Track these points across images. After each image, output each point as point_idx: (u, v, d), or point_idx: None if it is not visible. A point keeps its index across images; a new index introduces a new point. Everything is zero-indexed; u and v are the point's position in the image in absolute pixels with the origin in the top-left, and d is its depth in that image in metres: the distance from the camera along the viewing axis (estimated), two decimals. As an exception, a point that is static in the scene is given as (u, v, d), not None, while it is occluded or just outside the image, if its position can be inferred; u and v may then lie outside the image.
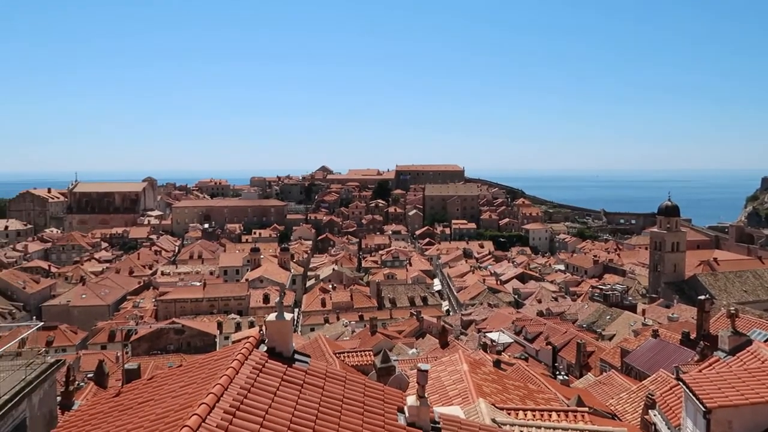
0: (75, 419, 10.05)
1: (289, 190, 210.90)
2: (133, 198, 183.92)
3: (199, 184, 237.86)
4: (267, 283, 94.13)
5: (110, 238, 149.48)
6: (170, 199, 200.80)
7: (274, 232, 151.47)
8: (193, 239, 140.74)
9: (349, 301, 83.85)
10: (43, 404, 14.00)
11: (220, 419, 7.58)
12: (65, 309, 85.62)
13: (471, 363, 20.77)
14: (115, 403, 10.01)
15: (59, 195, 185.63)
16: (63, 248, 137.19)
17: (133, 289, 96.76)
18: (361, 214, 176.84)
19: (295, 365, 10.06)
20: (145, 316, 79.94)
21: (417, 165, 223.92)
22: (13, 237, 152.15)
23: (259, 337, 10.64)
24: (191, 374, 9.98)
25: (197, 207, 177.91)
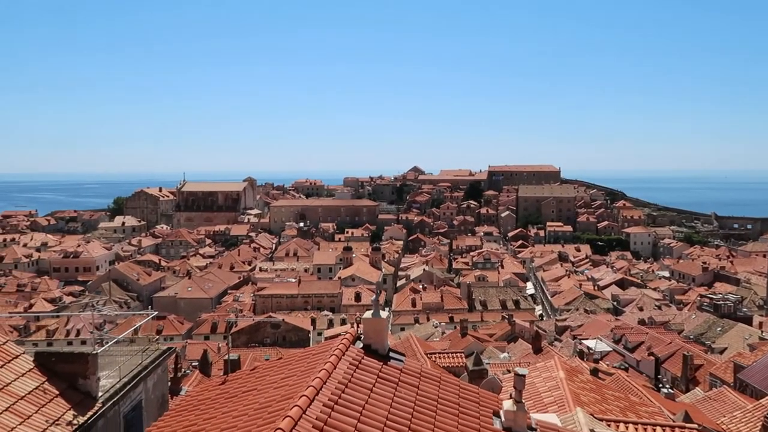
0: (185, 404, 10.70)
1: (381, 191, 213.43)
2: (234, 197, 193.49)
3: (296, 184, 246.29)
4: (359, 282, 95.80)
5: (213, 235, 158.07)
6: (268, 199, 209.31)
7: (366, 232, 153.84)
8: (289, 237, 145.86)
9: (439, 302, 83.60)
10: (157, 388, 15.04)
11: (319, 412, 7.80)
12: (173, 300, 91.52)
13: (567, 370, 20.04)
14: (222, 391, 10.55)
15: (169, 194, 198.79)
16: (172, 244, 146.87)
17: (234, 283, 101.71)
18: (452, 214, 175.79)
19: (391, 363, 10.16)
20: (244, 310, 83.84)
21: (510, 165, 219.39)
22: (129, 232, 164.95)
23: (355, 334, 10.84)
24: (291, 367, 10.34)
25: (293, 206, 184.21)
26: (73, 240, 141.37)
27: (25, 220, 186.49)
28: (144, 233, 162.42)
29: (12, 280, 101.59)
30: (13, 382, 11.63)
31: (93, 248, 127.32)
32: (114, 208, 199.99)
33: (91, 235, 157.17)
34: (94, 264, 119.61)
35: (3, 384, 11.41)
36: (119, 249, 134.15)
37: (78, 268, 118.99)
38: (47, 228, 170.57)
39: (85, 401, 12.17)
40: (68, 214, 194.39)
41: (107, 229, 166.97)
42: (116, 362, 14.35)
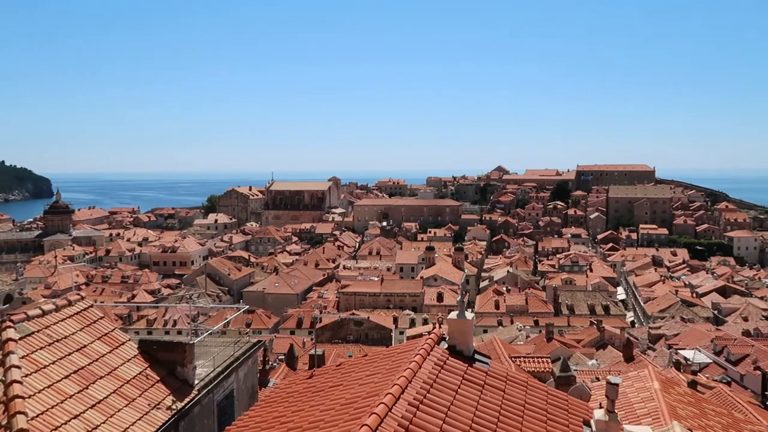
0: (274, 395, 11.08)
1: (464, 190, 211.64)
2: (320, 196, 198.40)
3: (379, 183, 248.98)
4: (441, 282, 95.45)
5: (300, 232, 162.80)
6: (352, 198, 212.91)
7: (449, 232, 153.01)
8: (372, 236, 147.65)
9: (523, 305, 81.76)
10: (247, 378, 15.67)
11: (405, 411, 7.82)
12: (261, 295, 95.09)
13: (662, 381, 18.98)
14: (309, 385, 10.83)
15: (258, 193, 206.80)
16: (260, 240, 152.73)
17: (318, 280, 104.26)
18: (538, 215, 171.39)
19: (476, 365, 10.03)
20: (328, 307, 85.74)
21: (600, 165, 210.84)
22: (221, 229, 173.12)
23: (439, 334, 10.79)
24: (376, 364, 10.44)
25: (377, 205, 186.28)
26: (170, 236, 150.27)
27: (129, 217, 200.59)
28: (235, 230, 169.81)
29: (117, 272, 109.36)
30: (120, 366, 12.50)
31: (188, 244, 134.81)
32: (207, 206, 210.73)
33: (186, 231, 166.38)
34: (189, 259, 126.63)
35: (111, 368, 12.28)
36: (212, 245, 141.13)
37: (175, 262, 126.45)
38: (148, 224, 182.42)
39: (183, 388, 12.88)
40: (167, 212, 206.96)
41: (201, 225, 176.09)
42: (210, 352, 15.08)
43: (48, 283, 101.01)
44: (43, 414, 10.16)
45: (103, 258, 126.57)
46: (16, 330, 11.58)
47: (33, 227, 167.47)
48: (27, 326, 11.90)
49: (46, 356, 11.50)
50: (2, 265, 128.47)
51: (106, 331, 13.33)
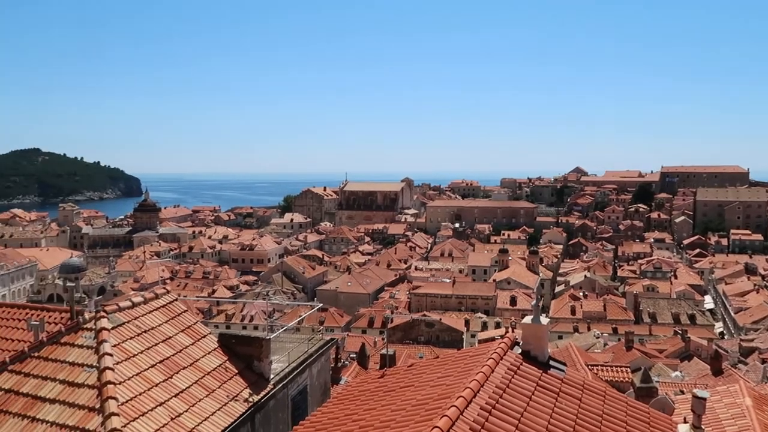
0: (347, 393, 11.24)
1: (540, 192, 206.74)
2: (392, 197, 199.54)
3: (452, 184, 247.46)
4: (514, 285, 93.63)
5: (372, 233, 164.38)
6: (425, 199, 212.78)
7: (523, 234, 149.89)
8: (445, 237, 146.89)
9: (601, 311, 78.79)
10: (320, 375, 15.99)
11: (477, 415, 7.73)
12: (334, 294, 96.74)
13: (755, 398, 17.74)
14: (380, 384, 10.92)
15: (332, 193, 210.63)
16: (334, 240, 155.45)
17: (390, 280, 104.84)
18: (618, 219, 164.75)
19: (551, 372, 9.77)
20: (399, 307, 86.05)
21: (687, 166, 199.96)
22: (296, 228, 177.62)
23: (513, 339, 10.60)
24: (448, 367, 10.38)
25: (449, 207, 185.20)
26: (248, 234, 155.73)
27: (210, 215, 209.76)
28: (309, 230, 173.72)
29: (199, 268, 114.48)
30: (201, 358, 13.07)
31: (265, 242, 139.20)
32: (284, 206, 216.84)
33: (264, 230, 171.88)
34: (266, 257, 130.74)
35: (193, 359, 12.87)
36: (288, 243, 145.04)
37: (252, 259, 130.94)
38: (228, 222, 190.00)
39: (259, 382, 13.31)
40: (245, 211, 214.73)
41: (278, 225, 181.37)
42: (285, 348, 15.50)
43: (137, 276, 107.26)
44: (131, 400, 10.79)
45: (187, 254, 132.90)
46: (109, 320, 12.37)
47: (124, 224, 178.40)
48: (118, 317, 12.69)
49: (135, 346, 12.20)
50: (96, 259, 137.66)
51: (188, 323, 13.98)
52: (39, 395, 11.00)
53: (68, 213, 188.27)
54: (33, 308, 17.36)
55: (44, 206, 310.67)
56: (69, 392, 10.88)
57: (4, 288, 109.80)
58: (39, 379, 11.34)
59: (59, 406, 10.70)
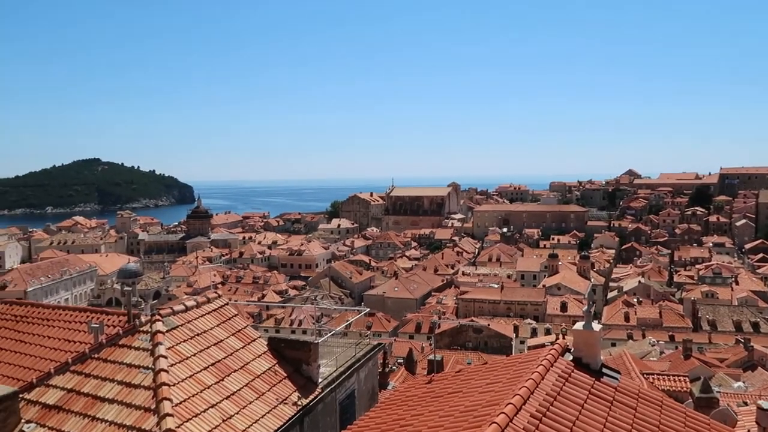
0: (394, 398, 11.21)
1: (591, 196, 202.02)
2: (439, 202, 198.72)
3: (499, 188, 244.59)
4: (565, 291, 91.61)
5: (419, 237, 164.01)
6: (472, 204, 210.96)
7: (574, 239, 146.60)
8: (492, 242, 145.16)
9: (657, 318, 76.19)
10: (368, 380, 16.03)
11: (526, 422, 7.58)
12: (381, 299, 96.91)
13: (826, 410, 16.78)
14: (428, 390, 10.85)
15: (379, 198, 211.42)
16: (381, 245, 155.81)
17: (437, 286, 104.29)
18: (673, 222, 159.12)
19: (604, 380, 9.50)
20: (446, 313, 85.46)
21: (749, 167, 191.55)
22: (343, 234, 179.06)
23: (563, 345, 10.36)
24: (496, 373, 10.23)
25: (497, 211, 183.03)
26: (297, 240, 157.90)
27: (260, 221, 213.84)
28: (356, 235, 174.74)
29: (249, 273, 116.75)
30: (251, 361, 13.31)
31: (313, 247, 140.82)
32: (331, 211, 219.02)
33: (312, 235, 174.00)
34: (314, 262, 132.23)
35: (244, 362, 13.12)
36: (335, 249, 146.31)
37: (301, 264, 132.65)
38: (277, 228, 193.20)
39: (308, 385, 13.44)
40: (293, 217, 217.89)
41: (325, 230, 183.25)
42: (333, 352, 15.62)
43: (190, 281, 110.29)
44: (185, 401, 11.08)
45: (237, 259, 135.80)
46: (164, 323, 12.75)
47: (178, 230, 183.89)
48: (172, 320, 13.06)
49: (188, 348, 12.53)
50: (152, 264, 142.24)
51: (239, 327, 14.27)
52: (99, 395, 11.43)
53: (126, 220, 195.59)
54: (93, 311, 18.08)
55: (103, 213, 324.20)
56: (126, 393, 11.27)
57: (67, 292, 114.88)
58: (99, 380, 11.79)
59: (117, 406, 11.09)
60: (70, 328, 16.97)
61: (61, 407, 11.46)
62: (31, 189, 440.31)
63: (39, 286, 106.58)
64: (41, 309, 18.56)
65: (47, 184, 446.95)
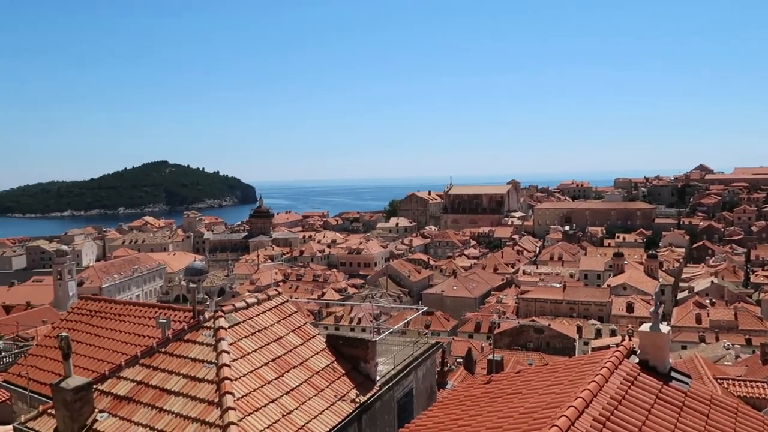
0: (452, 398, 11.10)
1: (659, 192, 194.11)
2: (498, 200, 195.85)
3: (561, 186, 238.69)
4: (631, 291, 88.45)
5: (478, 236, 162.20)
6: (532, 201, 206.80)
7: (640, 237, 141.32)
8: (554, 241, 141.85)
9: (732, 321, 72.35)
10: (426, 379, 15.95)
11: (589, 426, 7.33)
12: (439, 298, 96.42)
13: None
14: (486, 390, 10.68)
15: (437, 197, 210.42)
16: (439, 244, 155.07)
17: (497, 285, 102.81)
18: (749, 219, 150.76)
19: (673, 384, 9.07)
20: (506, 312, 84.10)
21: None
22: (401, 232, 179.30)
23: (629, 347, 9.97)
24: (558, 375, 9.95)
25: (558, 209, 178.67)
26: (355, 238, 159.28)
27: (319, 220, 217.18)
28: (414, 233, 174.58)
29: (309, 271, 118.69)
30: (310, 358, 13.49)
31: (372, 246, 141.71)
32: (389, 210, 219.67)
33: (370, 234, 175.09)
34: (372, 260, 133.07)
35: (303, 359, 13.31)
36: (393, 247, 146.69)
37: (360, 263, 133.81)
38: (336, 227, 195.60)
39: (366, 383, 13.49)
40: (352, 216, 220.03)
41: (383, 229, 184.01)
42: (391, 351, 15.62)
43: (252, 279, 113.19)
44: (246, 396, 11.35)
45: (298, 258, 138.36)
46: (226, 320, 13.11)
47: (241, 229, 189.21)
48: (234, 317, 13.40)
49: (249, 344, 12.83)
50: (217, 262, 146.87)
51: (298, 324, 14.48)
52: (165, 388, 11.87)
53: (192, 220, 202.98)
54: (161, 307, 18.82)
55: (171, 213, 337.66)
56: (191, 386, 11.64)
57: (138, 289, 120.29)
58: (165, 373, 12.24)
59: (183, 398, 11.48)
60: (140, 323, 17.72)
61: (131, 398, 11.97)
62: (104, 191, 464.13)
63: (113, 282, 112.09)
64: (113, 305, 19.48)
65: (119, 186, 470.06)
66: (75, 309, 20.50)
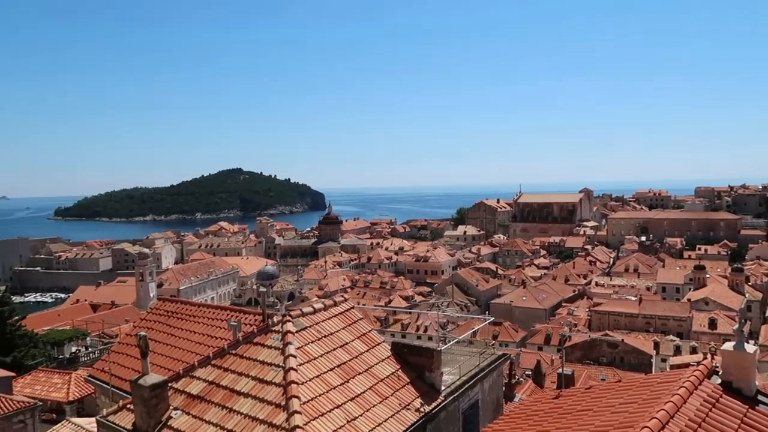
0: (519, 411, 10.83)
1: (744, 202, 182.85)
2: (570, 209, 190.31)
3: (637, 194, 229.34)
4: (713, 306, 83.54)
5: (548, 246, 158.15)
6: (606, 210, 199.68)
7: (724, 249, 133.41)
8: (629, 252, 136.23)
9: (828, 341, 67.05)
10: (492, 391, 15.64)
11: (665, 449, 6.96)
12: (508, 308, 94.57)
13: None
14: (555, 405, 10.35)
15: (506, 205, 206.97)
16: (507, 253, 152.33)
17: (568, 296, 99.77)
18: None
19: (760, 408, 8.47)
20: (578, 325, 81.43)
21: None
22: (469, 240, 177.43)
23: (710, 366, 9.40)
24: (631, 393, 9.51)
25: (634, 219, 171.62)
26: (423, 246, 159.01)
27: (386, 228, 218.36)
28: (483, 242, 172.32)
29: (376, 277, 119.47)
30: (375, 365, 13.52)
31: (439, 254, 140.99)
32: (457, 218, 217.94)
33: (437, 242, 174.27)
34: (440, 268, 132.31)
35: (368, 366, 13.37)
36: (461, 256, 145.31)
37: (427, 271, 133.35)
38: (403, 234, 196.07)
39: (430, 392, 13.38)
40: (419, 223, 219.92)
41: (451, 237, 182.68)
42: (457, 360, 15.43)
43: (321, 284, 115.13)
44: (312, 400, 11.51)
45: (365, 264, 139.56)
46: (294, 324, 13.36)
47: (310, 236, 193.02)
48: (302, 321, 13.65)
49: (316, 349, 13.02)
50: (287, 267, 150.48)
51: (364, 331, 14.57)
52: (235, 389, 12.22)
53: (264, 226, 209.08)
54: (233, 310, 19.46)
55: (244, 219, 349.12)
56: (259, 388, 11.94)
57: (213, 291, 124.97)
58: (235, 374, 12.61)
59: (251, 400, 11.78)
60: (212, 324, 18.37)
61: (203, 398, 12.41)
62: (183, 197, 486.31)
63: (189, 285, 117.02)
64: (188, 306, 20.30)
65: (197, 192, 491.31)
66: (153, 309, 21.54)
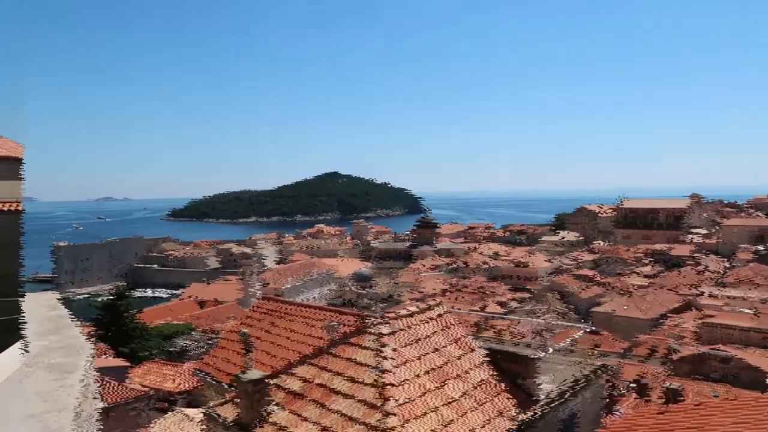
0: (620, 425, 10.44)
1: None
2: (677, 215, 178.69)
3: (754, 200, 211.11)
4: None
5: (652, 253, 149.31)
6: (718, 217, 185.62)
7: None
8: (744, 261, 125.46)
9: None
10: (592, 403, 15.11)
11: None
12: (609, 317, 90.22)
13: None
14: (659, 421, 9.88)
15: (609, 210, 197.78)
16: (608, 260, 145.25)
17: (674, 307, 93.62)
18: None
19: None
20: (686, 337, 76.25)
21: None
22: (567, 246, 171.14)
23: (840, 390, 8.59)
24: (744, 412, 8.90)
25: (750, 226, 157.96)
26: (520, 251, 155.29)
27: (484, 232, 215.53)
28: (582, 248, 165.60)
29: (472, 282, 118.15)
30: (470, 370, 13.50)
31: (537, 260, 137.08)
32: (556, 224, 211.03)
33: (535, 247, 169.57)
34: (537, 274, 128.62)
35: (462, 371, 13.37)
36: (559, 262, 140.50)
37: (523, 276, 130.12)
38: (500, 239, 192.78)
39: (527, 401, 13.17)
40: (517, 228, 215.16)
41: (549, 242, 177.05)
42: (554, 369, 15.06)
43: (416, 287, 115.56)
44: (406, 403, 11.69)
45: (460, 269, 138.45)
46: (389, 326, 13.63)
47: (406, 239, 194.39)
48: (397, 324, 13.89)
49: (411, 352, 13.20)
50: (382, 270, 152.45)
51: (458, 336, 14.58)
52: (332, 387, 12.67)
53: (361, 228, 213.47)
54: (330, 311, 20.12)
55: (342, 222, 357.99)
56: (355, 388, 12.29)
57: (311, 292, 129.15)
58: (332, 374, 13.07)
59: (347, 399, 12.16)
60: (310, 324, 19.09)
61: (301, 395, 12.96)
62: (284, 199, 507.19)
63: (292, 285, 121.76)
64: (287, 305, 21.23)
65: (297, 195, 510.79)
66: (255, 308, 22.70)
